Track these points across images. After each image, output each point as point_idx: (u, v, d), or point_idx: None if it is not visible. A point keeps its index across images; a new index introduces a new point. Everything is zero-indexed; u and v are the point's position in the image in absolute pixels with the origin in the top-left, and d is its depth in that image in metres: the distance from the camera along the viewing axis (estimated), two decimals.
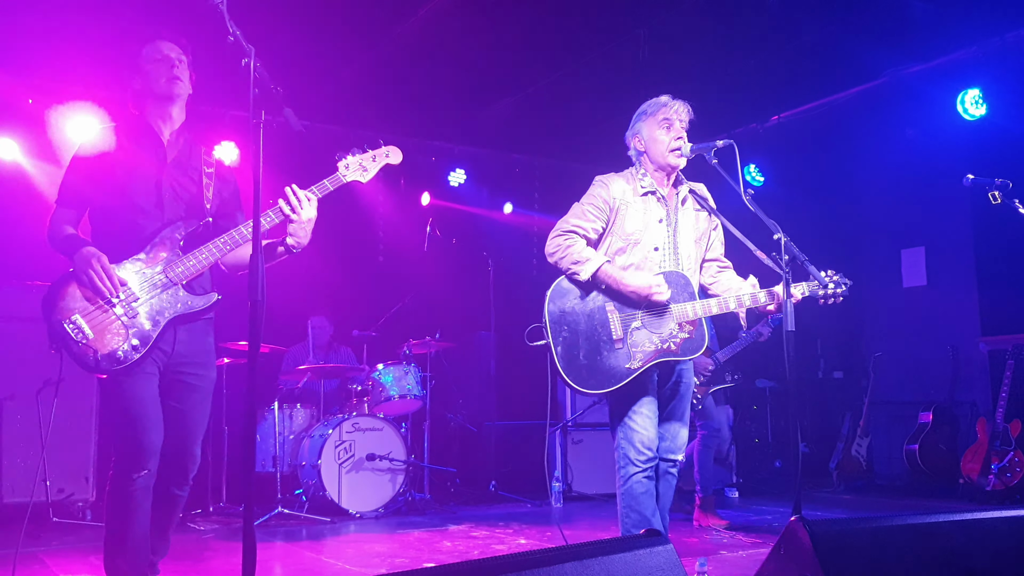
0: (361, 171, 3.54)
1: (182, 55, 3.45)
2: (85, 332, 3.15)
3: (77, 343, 3.14)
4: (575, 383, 3.70)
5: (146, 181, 3.38)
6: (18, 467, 6.02)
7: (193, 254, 3.30)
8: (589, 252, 3.77)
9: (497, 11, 6.30)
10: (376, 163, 3.58)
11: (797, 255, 3.61)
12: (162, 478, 3.38)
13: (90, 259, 3.17)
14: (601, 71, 7.22)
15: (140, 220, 3.34)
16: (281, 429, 6.94)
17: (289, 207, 3.31)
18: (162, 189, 3.40)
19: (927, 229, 8.53)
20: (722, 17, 6.42)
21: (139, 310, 3.22)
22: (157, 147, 3.45)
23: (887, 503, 7.41)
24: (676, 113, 3.87)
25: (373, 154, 3.58)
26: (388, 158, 3.62)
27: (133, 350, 3.19)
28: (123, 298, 3.21)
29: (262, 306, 2.60)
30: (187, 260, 3.30)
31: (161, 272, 3.27)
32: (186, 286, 3.31)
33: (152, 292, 3.25)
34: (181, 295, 3.30)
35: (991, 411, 7.11)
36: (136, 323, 3.22)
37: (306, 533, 6.03)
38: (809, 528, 2.16)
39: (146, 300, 3.24)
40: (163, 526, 3.47)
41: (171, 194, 3.41)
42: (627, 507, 3.74)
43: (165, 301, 3.27)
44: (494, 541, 5.64)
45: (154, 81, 3.40)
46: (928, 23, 6.50)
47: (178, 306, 3.29)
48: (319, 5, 6.14)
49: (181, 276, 3.29)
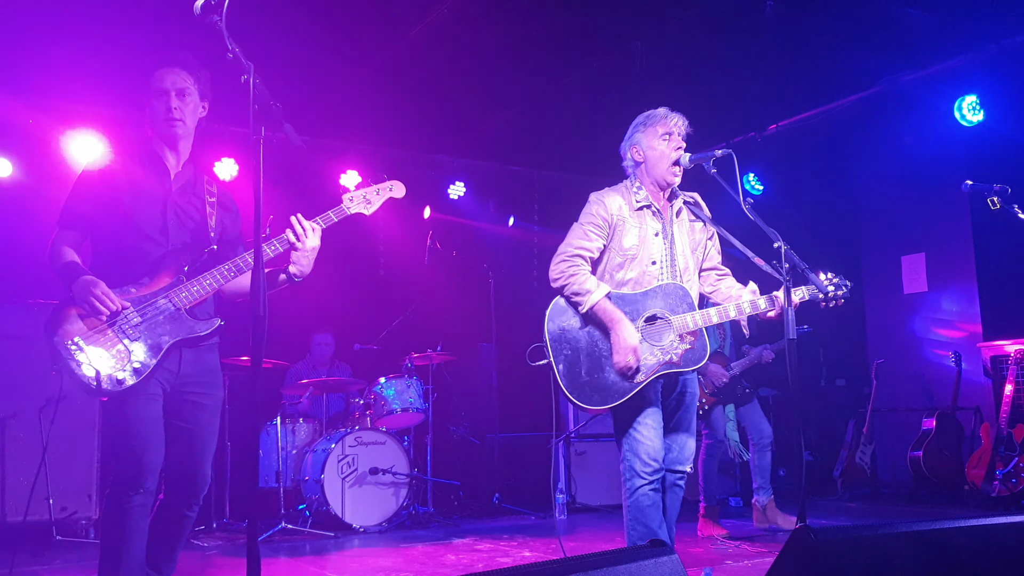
0: (365, 204, 3.58)
1: (188, 83, 3.42)
2: (86, 354, 3.13)
3: (79, 365, 3.12)
4: (579, 401, 3.70)
5: (152, 206, 3.38)
6: (21, 485, 6.01)
7: (197, 280, 3.30)
8: (591, 283, 3.75)
9: (495, 24, 6.32)
10: (380, 196, 3.64)
11: (797, 263, 3.60)
12: (172, 498, 3.36)
13: (90, 287, 3.16)
14: (599, 83, 7.25)
15: (145, 245, 3.33)
16: (284, 444, 6.94)
17: (295, 236, 3.33)
18: (167, 215, 3.40)
19: (927, 235, 8.54)
20: (719, 27, 6.44)
21: (141, 334, 3.21)
22: (163, 173, 3.45)
23: (892, 510, 7.39)
24: (675, 125, 3.87)
25: (377, 188, 3.64)
26: (392, 192, 3.69)
27: (134, 373, 3.17)
28: (125, 322, 3.20)
29: (264, 321, 2.57)
30: (191, 286, 3.29)
31: (165, 298, 3.27)
32: (189, 311, 3.31)
33: (155, 317, 3.24)
34: (185, 320, 3.29)
35: (994, 417, 7.10)
36: (137, 347, 3.21)
37: (310, 548, 6.02)
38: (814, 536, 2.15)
39: (149, 325, 3.23)
40: (171, 546, 3.43)
41: (176, 220, 3.41)
42: (633, 519, 3.72)
43: (168, 326, 3.26)
44: (498, 554, 5.63)
45: (153, 118, 3.42)
46: (924, 31, 6.52)
47: (182, 331, 3.28)
48: (318, 21, 6.16)
49: (185, 301, 3.28)
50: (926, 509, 7.25)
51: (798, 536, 2.19)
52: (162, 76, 3.39)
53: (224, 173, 7.60)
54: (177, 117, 3.39)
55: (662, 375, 3.73)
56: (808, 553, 2.14)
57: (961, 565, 2.33)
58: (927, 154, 8.12)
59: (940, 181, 7.94)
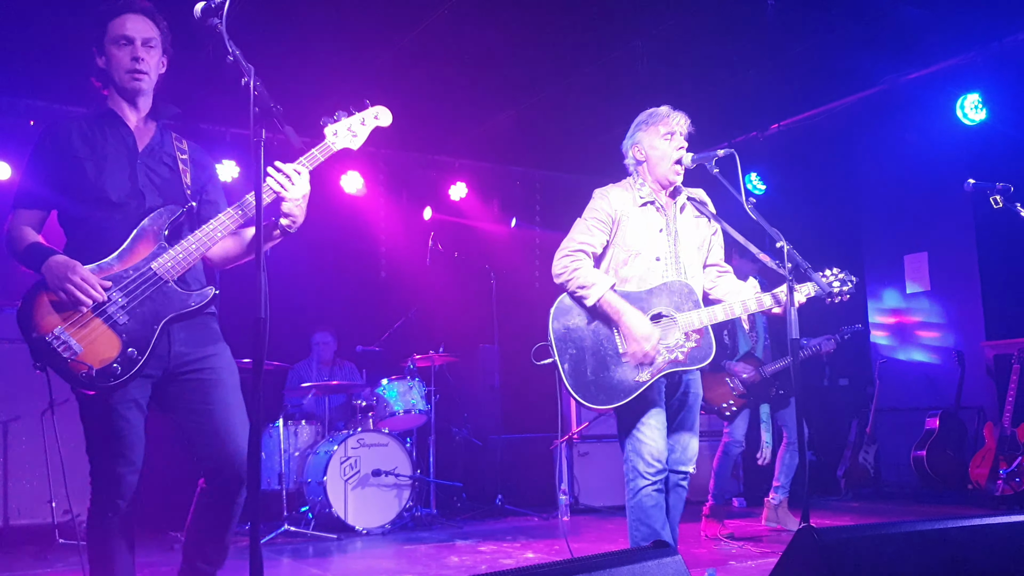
0: (351, 136, 3.22)
1: (154, 34, 3.08)
2: (72, 346, 2.81)
3: (65, 359, 2.82)
4: (585, 400, 3.69)
5: (118, 172, 3.02)
6: (24, 489, 6.02)
7: (181, 244, 2.96)
8: (595, 276, 3.74)
9: (496, 25, 6.32)
10: (366, 127, 3.26)
11: (800, 263, 3.60)
12: (213, 486, 3.04)
13: (64, 271, 2.82)
14: (600, 83, 7.25)
15: (116, 215, 2.97)
16: (286, 446, 6.93)
17: (279, 184, 2.98)
18: (137, 179, 3.03)
19: (929, 234, 8.53)
20: (720, 27, 6.44)
21: (128, 316, 2.86)
22: (125, 133, 3.09)
23: (895, 510, 7.38)
24: (677, 124, 3.88)
25: (362, 116, 3.26)
26: (378, 120, 3.29)
27: (130, 362, 2.84)
28: (110, 302, 2.85)
29: (266, 324, 2.46)
30: (175, 253, 2.94)
31: (147, 268, 2.91)
32: (178, 281, 2.96)
33: (140, 294, 2.89)
34: (175, 292, 2.95)
35: (998, 416, 7.09)
36: (130, 329, 2.86)
37: (313, 550, 6.01)
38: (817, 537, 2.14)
39: (135, 304, 2.88)
40: (220, 535, 3.10)
41: (147, 182, 3.05)
42: (636, 520, 3.71)
43: (158, 301, 2.91)
44: (502, 555, 5.62)
45: (115, 70, 3.05)
46: (926, 29, 6.52)
47: (173, 306, 2.93)
48: (317, 23, 6.16)
49: (171, 271, 2.94)
50: (930, 509, 7.24)
51: (801, 536, 2.18)
52: (124, 22, 3.03)
53: (225, 175, 7.61)
54: (143, 70, 3.05)
55: (666, 374, 3.72)
56: (812, 553, 2.13)
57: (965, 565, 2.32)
58: (929, 153, 8.10)
59: (942, 180, 7.92)
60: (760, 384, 6.22)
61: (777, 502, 6.32)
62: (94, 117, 3.10)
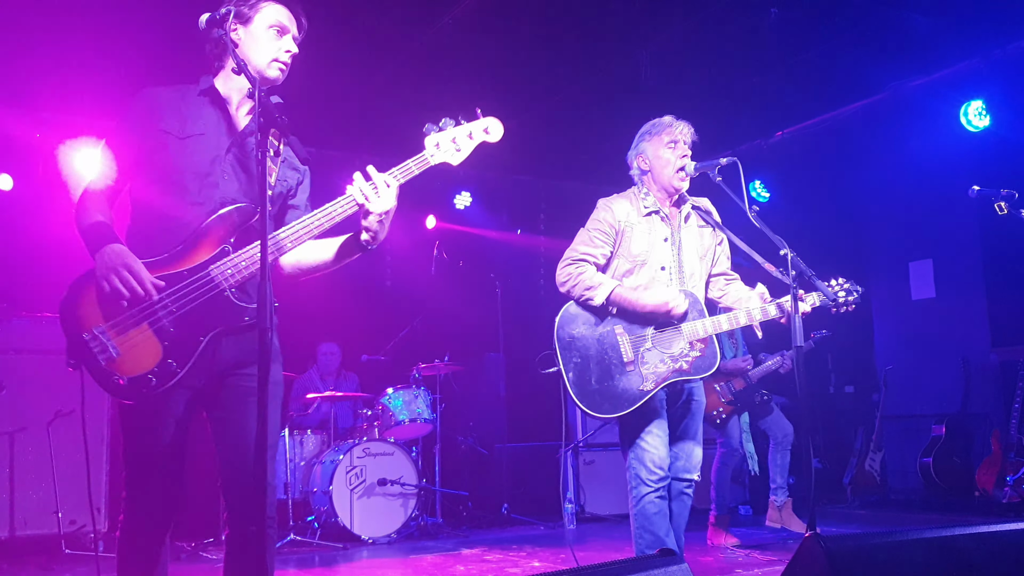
0: (454, 150, 2.92)
1: (299, 35, 2.91)
2: (110, 349, 2.56)
3: (100, 362, 2.55)
4: (589, 409, 3.70)
5: (201, 156, 2.74)
6: (30, 499, 6.02)
7: (247, 250, 2.66)
8: (600, 277, 3.78)
9: (499, 34, 6.34)
10: (473, 140, 2.95)
11: (804, 271, 3.61)
12: (234, 515, 2.71)
13: (115, 263, 2.54)
14: (604, 92, 7.26)
15: (187, 204, 2.70)
16: (292, 456, 6.94)
17: (363, 196, 2.71)
18: (217, 167, 2.75)
19: (934, 241, 8.52)
20: (723, 35, 6.45)
21: (174, 324, 2.60)
22: (223, 118, 2.82)
23: (902, 517, 7.36)
24: (681, 133, 3.89)
25: (469, 128, 2.95)
26: (488, 135, 2.98)
27: (168, 374, 2.57)
28: (159, 304, 2.59)
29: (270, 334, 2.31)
30: (238, 257, 2.65)
31: (205, 272, 2.64)
32: (237, 291, 2.67)
33: (191, 300, 2.62)
34: (229, 304, 2.65)
35: (1004, 423, 7.07)
36: (174, 338, 2.59)
37: (319, 560, 6.01)
38: (824, 544, 2.14)
39: (184, 310, 2.61)
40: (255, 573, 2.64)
41: (230, 173, 2.76)
42: (640, 528, 3.71)
43: (208, 312, 2.63)
44: (508, 564, 5.62)
45: (258, 53, 2.78)
46: (929, 36, 6.52)
47: (225, 318, 2.65)
48: (321, 32, 6.17)
49: (231, 278, 2.65)
50: (936, 516, 7.21)
51: (808, 544, 2.18)
52: (279, 10, 2.83)
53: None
54: (288, 63, 2.85)
55: (670, 383, 3.72)
56: (818, 561, 2.13)
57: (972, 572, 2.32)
58: (933, 160, 8.10)
59: (947, 187, 7.91)
60: (746, 391, 6.23)
61: (780, 503, 6.32)
62: (194, 92, 2.83)
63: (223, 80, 2.84)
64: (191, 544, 6.27)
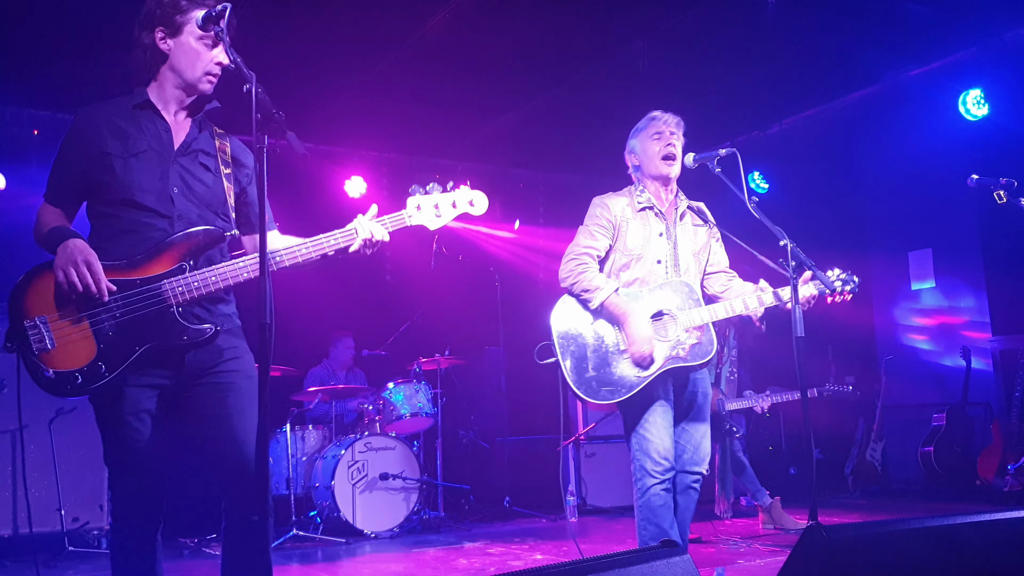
0: (434, 215, 2.94)
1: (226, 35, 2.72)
2: (47, 340, 2.59)
3: (33, 351, 2.58)
4: (587, 396, 3.71)
5: (149, 173, 2.74)
6: (33, 496, 6.03)
7: (203, 273, 2.69)
8: (600, 280, 3.79)
9: (497, 28, 6.33)
10: (455, 210, 2.97)
11: (804, 261, 3.61)
12: (230, 504, 2.71)
13: (76, 257, 2.57)
14: (602, 84, 7.26)
15: (147, 218, 2.72)
16: (294, 451, 6.94)
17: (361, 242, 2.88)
18: (169, 183, 2.76)
19: (933, 231, 8.52)
20: (721, 26, 6.45)
21: (113, 329, 2.61)
22: (163, 131, 2.82)
23: (903, 507, 7.37)
24: (666, 124, 3.92)
25: (453, 197, 2.96)
26: (472, 207, 2.99)
27: (95, 376, 2.58)
28: (105, 308, 2.61)
29: (271, 330, 2.34)
30: (192, 279, 2.68)
31: (157, 285, 2.65)
32: (183, 309, 2.68)
33: (140, 308, 2.63)
34: (173, 321, 2.65)
35: (1005, 411, 7.07)
36: (110, 342, 2.60)
37: (321, 555, 6.02)
38: (826, 534, 2.14)
39: (126, 319, 2.62)
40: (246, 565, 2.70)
41: (182, 186, 2.78)
42: (644, 519, 3.71)
43: (150, 323, 2.63)
44: (510, 557, 5.63)
45: (188, 65, 2.79)
46: (927, 25, 6.52)
47: (163, 336, 2.64)
48: (319, 28, 6.18)
49: (180, 295, 2.66)
50: (938, 505, 7.22)
51: (810, 534, 2.18)
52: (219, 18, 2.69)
53: None
54: (217, 72, 2.83)
55: (671, 372, 3.73)
56: (820, 551, 2.13)
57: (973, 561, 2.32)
58: (932, 149, 8.10)
59: (946, 176, 7.91)
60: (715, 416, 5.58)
61: (766, 505, 6.31)
62: (128, 107, 2.82)
63: (161, 91, 2.86)
64: (194, 540, 6.28)
